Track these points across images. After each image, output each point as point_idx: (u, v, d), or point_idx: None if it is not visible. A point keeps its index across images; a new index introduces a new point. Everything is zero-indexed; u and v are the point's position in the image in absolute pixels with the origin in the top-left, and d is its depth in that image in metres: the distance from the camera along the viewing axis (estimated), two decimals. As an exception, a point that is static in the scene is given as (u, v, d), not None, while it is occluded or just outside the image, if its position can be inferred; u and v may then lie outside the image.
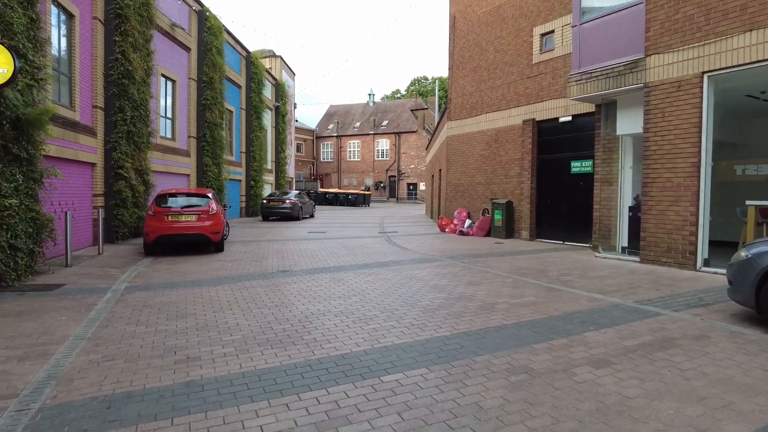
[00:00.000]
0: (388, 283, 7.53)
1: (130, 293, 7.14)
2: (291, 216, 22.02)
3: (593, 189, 11.40)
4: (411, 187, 59.37)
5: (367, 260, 9.98)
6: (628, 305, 6.07)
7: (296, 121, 40.87)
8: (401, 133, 59.47)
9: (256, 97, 26.57)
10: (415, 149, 58.57)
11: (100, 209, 11.54)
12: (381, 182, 60.68)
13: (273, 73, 32.78)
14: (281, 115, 33.12)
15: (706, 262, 8.19)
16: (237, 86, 24.87)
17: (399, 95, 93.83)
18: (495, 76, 14.70)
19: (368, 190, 58.89)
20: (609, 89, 9.59)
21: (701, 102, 8.04)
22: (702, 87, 8.03)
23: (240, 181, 25.25)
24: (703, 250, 8.16)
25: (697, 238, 8.13)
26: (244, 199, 25.46)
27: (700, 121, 8.06)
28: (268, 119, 30.76)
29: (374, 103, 68.18)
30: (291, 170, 37.05)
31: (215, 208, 11.56)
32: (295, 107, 38.81)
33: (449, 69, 16.74)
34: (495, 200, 14.19)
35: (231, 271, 8.90)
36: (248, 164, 25.93)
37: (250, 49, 26.45)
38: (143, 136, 14.40)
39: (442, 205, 18.08)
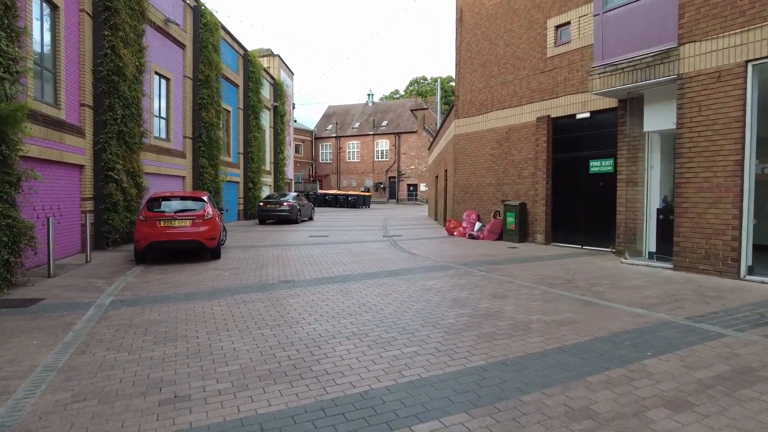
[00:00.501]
0: (402, 296, 6.78)
1: (115, 309, 6.38)
2: (289, 219, 21.04)
3: (615, 190, 10.69)
4: (411, 188, 58.66)
5: (376, 268, 9.23)
6: (680, 323, 5.32)
7: (295, 121, 40.13)
8: (401, 133, 58.77)
9: (254, 96, 25.83)
10: (416, 150, 57.88)
11: (88, 214, 10.78)
12: (381, 183, 59.97)
13: (271, 73, 32.04)
14: (280, 116, 32.37)
15: (751, 270, 7.46)
16: (234, 85, 24.13)
17: (398, 96, 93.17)
18: (506, 71, 13.97)
19: (368, 191, 58.15)
20: (636, 82, 8.86)
21: (744, 94, 7.31)
22: (746, 77, 7.30)
23: (238, 183, 24.49)
24: (747, 257, 7.42)
25: (740, 243, 7.39)
26: (242, 201, 24.70)
27: (744, 115, 7.33)
28: (266, 119, 30.02)
29: (373, 103, 67.47)
30: (290, 171, 36.29)
31: (211, 212, 10.80)
32: (293, 107, 38.07)
33: (456, 65, 16.03)
34: (507, 202, 13.46)
35: (228, 282, 8.15)
36: (246, 165, 25.18)
37: (248, 49, 25.69)
38: (135, 137, 13.64)
39: (450, 208, 17.35)
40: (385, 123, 61.43)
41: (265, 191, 29.17)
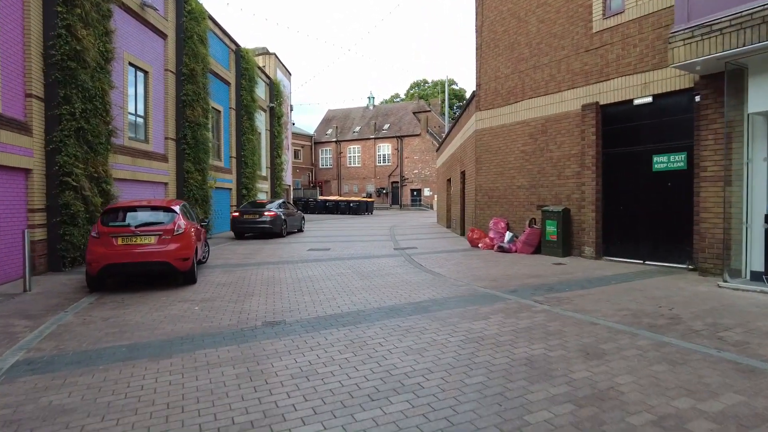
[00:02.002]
0: (446, 355, 4.50)
1: (10, 382, 4.14)
2: (272, 232, 17.32)
3: (690, 191, 8.48)
4: (415, 193, 56.47)
5: (395, 298, 6.96)
6: None
7: (293, 124, 38.01)
8: (403, 136, 56.67)
9: (247, 95, 23.65)
10: (419, 153, 55.75)
11: (26, 231, 8.52)
12: (383, 189, 57.79)
13: (267, 72, 29.94)
14: (276, 117, 30.20)
15: None
16: (225, 83, 21.97)
17: (398, 99, 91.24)
18: (540, 53, 11.76)
19: (370, 197, 55.98)
20: (742, 46, 6.63)
21: None
22: None
23: (230, 189, 22.28)
24: None
25: None
26: (234, 210, 22.46)
27: None
28: (261, 121, 27.86)
29: (374, 106, 65.41)
30: (288, 177, 34.10)
31: (183, 225, 8.56)
32: (291, 109, 35.94)
33: (476, 49, 13.82)
34: (546, 208, 11.19)
35: (195, 324, 5.89)
36: (239, 171, 22.97)
37: (244, 47, 23.53)
38: (100, 136, 11.45)
39: (470, 214, 15.09)
40: (386, 126, 59.33)
41: (262, 198, 26.97)
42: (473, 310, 6.13)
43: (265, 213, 17.30)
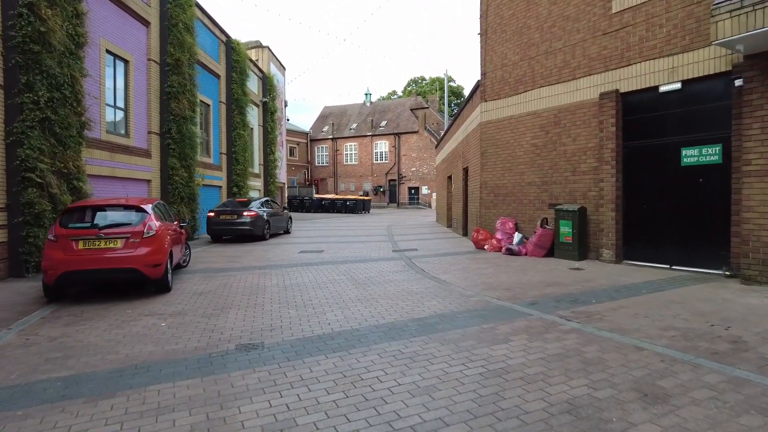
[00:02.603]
0: (463, 397, 3.50)
1: None
2: (252, 235, 15.49)
3: (726, 188, 7.55)
4: (413, 191, 55.50)
5: (395, 313, 5.96)
6: None
7: (287, 120, 36.94)
8: (401, 133, 55.65)
9: (238, 89, 22.59)
10: (417, 151, 54.77)
11: (-25, 233, 7.50)
12: (380, 187, 56.79)
13: (260, 66, 28.86)
14: (270, 113, 29.13)
15: None
16: (215, 76, 20.91)
17: (396, 96, 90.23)
18: (552, 37, 10.76)
19: (367, 195, 55.03)
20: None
21: None
22: None
23: (220, 187, 21.24)
24: None
25: None
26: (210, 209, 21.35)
27: None
28: (254, 116, 26.81)
29: (371, 102, 64.38)
30: (282, 175, 33.04)
31: (155, 227, 7.54)
32: (286, 105, 34.86)
33: (481, 35, 12.82)
34: (560, 207, 10.21)
35: (156, 346, 4.89)
36: (230, 168, 21.92)
37: (232, 39, 22.44)
38: (71, 128, 10.42)
39: (474, 213, 14.09)
40: (383, 123, 58.31)
41: (255, 197, 25.93)
42: (490, 330, 5.13)
43: (245, 213, 15.39)
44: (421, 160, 54.50)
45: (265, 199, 17.89)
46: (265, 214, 16.17)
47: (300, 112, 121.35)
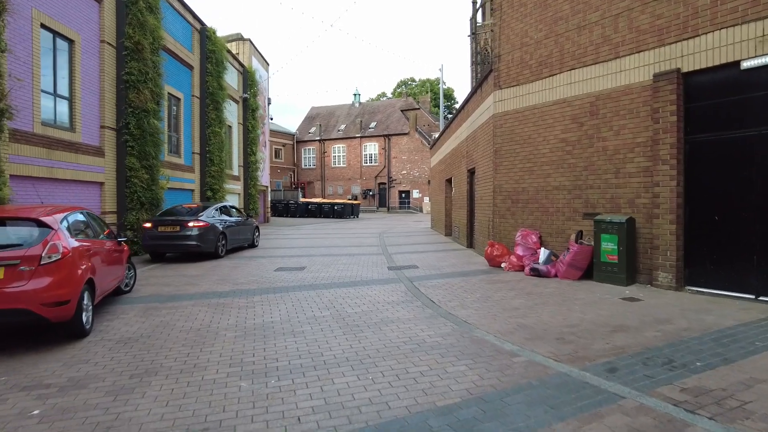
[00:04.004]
0: None
1: None
2: (200, 251, 12.01)
3: None
4: (403, 195, 53.42)
5: (405, 395, 3.78)
6: None
7: (271, 119, 34.65)
8: (391, 135, 53.59)
9: (213, 81, 20.31)
10: (407, 153, 52.75)
11: None
12: (370, 190, 54.62)
13: (241, 59, 26.61)
14: (251, 110, 26.87)
15: None
16: (187, 67, 18.64)
17: (385, 98, 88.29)
18: (586, 8, 8.73)
19: (356, 199, 52.84)
20: None
21: None
22: None
23: (192, 191, 18.94)
24: None
25: None
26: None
27: None
28: (233, 114, 24.55)
29: (360, 103, 62.27)
30: (265, 177, 30.73)
31: (61, 248, 5.31)
32: (269, 103, 32.60)
33: (494, 10, 10.74)
34: (601, 217, 8.14)
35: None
36: (203, 169, 19.61)
37: (207, 27, 20.17)
38: (-18, 115, 8.14)
39: (482, 222, 11.98)
40: (373, 124, 56.22)
41: (234, 202, 23.63)
42: (574, 438, 3.01)
43: (190, 223, 11.83)
44: (412, 163, 52.49)
45: (222, 204, 14.37)
46: (219, 224, 12.87)
47: (286, 115, 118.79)
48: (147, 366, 4.54)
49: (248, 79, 26.71)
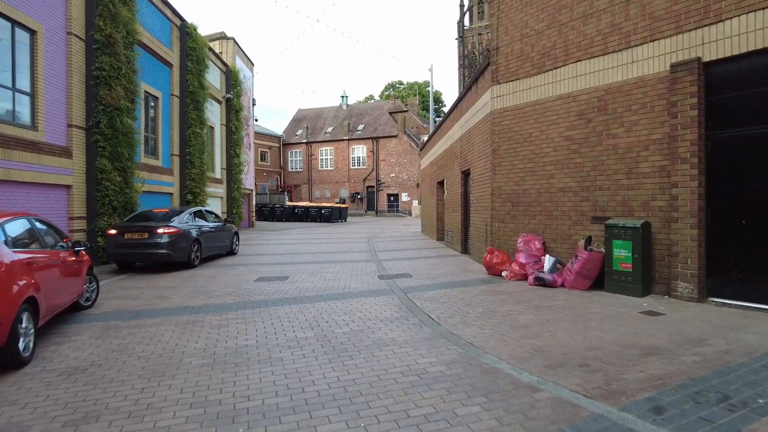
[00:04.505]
0: None
1: None
2: (171, 259, 10.87)
3: None
4: (392, 198, 52.70)
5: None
6: None
7: (256, 120, 33.71)
8: (379, 138, 52.87)
9: (194, 80, 19.37)
10: (396, 156, 52.07)
11: None
12: (358, 193, 53.82)
13: (224, 59, 25.69)
14: (234, 111, 25.94)
15: None
16: (166, 65, 17.71)
17: (373, 101, 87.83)
18: (594, -7, 8.05)
19: (344, 202, 52.05)
20: None
21: None
22: None
23: (170, 194, 17.97)
24: None
25: None
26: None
27: None
28: (215, 114, 23.61)
29: (348, 105, 61.48)
30: (249, 180, 29.77)
31: (-10, 262, 4.46)
32: (254, 104, 31.67)
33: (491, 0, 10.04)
34: (613, 222, 7.43)
35: None
36: (183, 171, 18.66)
37: (188, 24, 19.26)
38: None
39: (478, 226, 11.24)
40: (361, 127, 55.47)
41: (215, 206, 22.68)
42: None
43: (159, 230, 10.68)
44: (400, 166, 51.81)
45: (197, 209, 13.15)
46: (193, 230, 11.70)
47: (273, 119, 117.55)
48: (89, 408, 3.69)
49: (232, 79, 25.80)
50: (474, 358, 4.58)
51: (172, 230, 10.73)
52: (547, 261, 8.18)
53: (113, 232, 10.77)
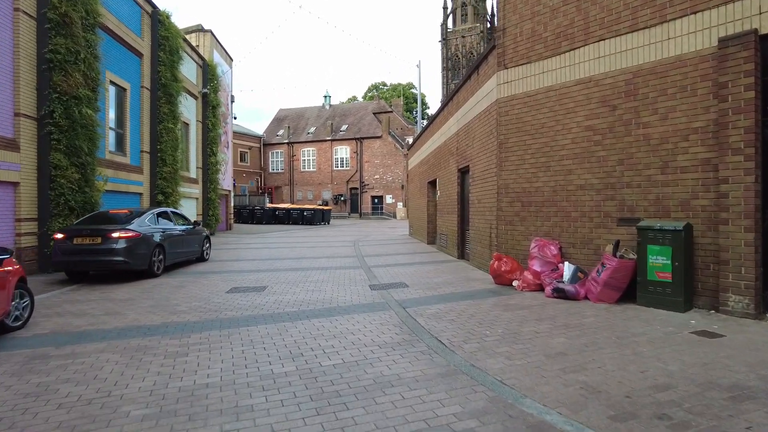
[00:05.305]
0: None
1: None
2: (129, 267, 9.37)
3: None
4: (376, 200, 51.50)
5: None
6: None
7: (235, 118, 32.22)
8: (363, 138, 51.66)
9: (167, 72, 17.93)
10: (380, 157, 50.91)
11: None
12: (341, 195, 52.51)
13: (201, 53, 24.26)
14: (211, 107, 24.48)
15: None
16: (136, 54, 16.29)
17: (356, 102, 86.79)
18: (620, -38, 7.00)
19: (327, 204, 50.70)
20: None
21: None
22: None
23: (140, 194, 16.51)
24: None
25: None
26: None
27: None
28: (191, 110, 22.17)
29: (331, 105, 60.18)
30: (227, 180, 28.28)
31: None
32: (232, 101, 30.21)
33: (497, -25, 8.95)
34: (646, 223, 6.37)
35: None
36: (154, 170, 17.21)
37: (160, 11, 17.83)
38: None
39: (479, 229, 10.11)
40: (344, 127, 54.20)
41: (190, 207, 21.21)
42: None
43: (115, 234, 9.15)
44: (385, 167, 50.67)
45: (162, 210, 11.50)
46: (156, 234, 10.21)
47: (254, 121, 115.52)
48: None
49: (209, 73, 24.36)
50: (512, 406, 3.42)
51: (130, 234, 9.28)
52: (567, 269, 7.09)
53: (60, 236, 9.26)
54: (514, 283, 7.83)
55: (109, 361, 4.62)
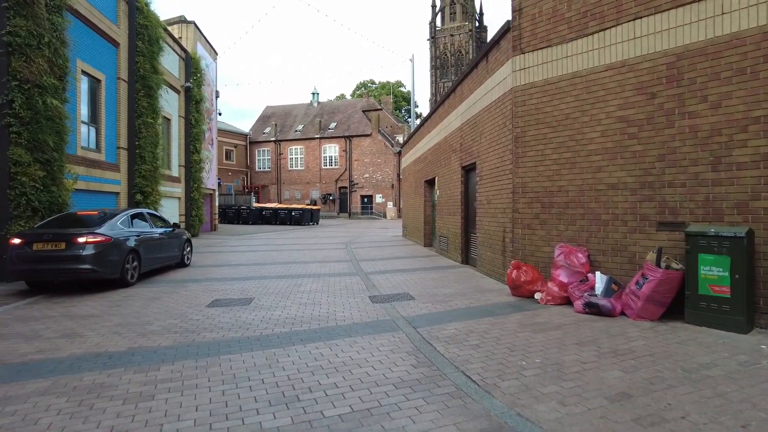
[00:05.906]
0: None
1: None
2: (98, 276, 8.23)
3: None
4: (365, 199, 50.51)
5: None
6: None
7: (220, 114, 30.97)
8: (352, 136, 50.62)
9: (145, 63, 16.76)
10: (370, 155, 49.92)
11: None
12: (330, 195, 51.40)
13: (184, 45, 23.05)
14: (194, 102, 23.30)
15: None
16: (111, 42, 15.11)
17: (345, 99, 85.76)
18: (661, -73, 6.11)
19: (315, 204, 49.61)
20: None
21: None
22: None
23: (116, 194, 15.34)
24: None
25: None
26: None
27: None
28: (173, 105, 20.99)
29: (319, 103, 59.03)
30: (211, 179, 27.07)
31: None
32: (217, 96, 28.98)
33: (511, -51, 8.02)
34: (696, 228, 5.48)
35: None
36: (132, 167, 16.03)
37: (140, 1, 16.64)
38: None
39: (489, 232, 9.16)
40: (333, 125, 53.10)
41: (171, 207, 20.02)
42: None
43: (81, 239, 8.03)
44: (374, 166, 49.68)
45: (137, 211, 10.35)
46: (130, 238, 9.09)
47: (240, 120, 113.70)
48: None
49: (192, 67, 23.18)
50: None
51: (99, 239, 8.14)
52: (599, 280, 6.17)
53: (17, 241, 8.06)
54: (537, 296, 6.90)
55: (49, 410, 3.59)
